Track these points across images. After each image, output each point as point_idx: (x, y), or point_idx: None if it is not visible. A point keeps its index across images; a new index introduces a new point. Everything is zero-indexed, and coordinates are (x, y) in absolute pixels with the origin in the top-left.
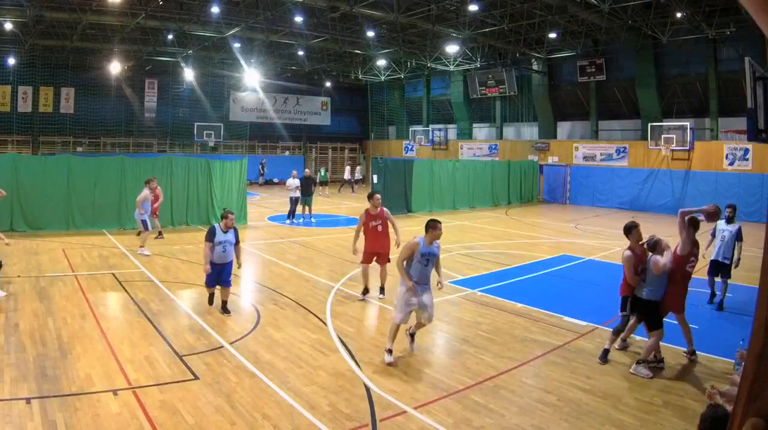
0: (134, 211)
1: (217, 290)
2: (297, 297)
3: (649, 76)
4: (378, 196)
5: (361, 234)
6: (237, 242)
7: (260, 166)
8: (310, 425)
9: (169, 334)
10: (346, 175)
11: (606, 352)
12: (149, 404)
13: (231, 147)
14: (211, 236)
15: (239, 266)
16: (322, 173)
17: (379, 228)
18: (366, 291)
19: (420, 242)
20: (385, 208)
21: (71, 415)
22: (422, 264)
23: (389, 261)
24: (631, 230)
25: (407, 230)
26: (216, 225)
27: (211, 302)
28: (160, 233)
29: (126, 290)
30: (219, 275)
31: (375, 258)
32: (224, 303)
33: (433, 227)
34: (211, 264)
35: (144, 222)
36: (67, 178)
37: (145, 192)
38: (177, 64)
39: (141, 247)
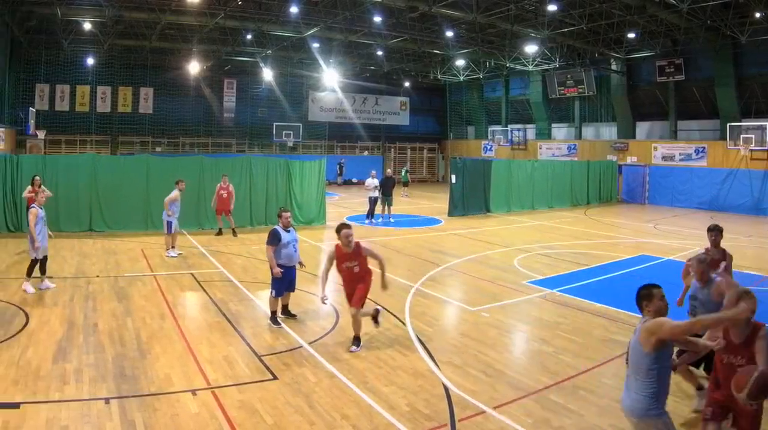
0: (162, 212)
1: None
2: (375, 297)
3: (727, 75)
4: (347, 231)
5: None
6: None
7: (338, 166)
8: (389, 425)
9: (248, 334)
10: None
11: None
12: (228, 404)
13: (310, 147)
14: (276, 238)
15: (302, 266)
16: (403, 173)
17: (356, 269)
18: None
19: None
20: (362, 243)
21: (150, 415)
22: None
23: (361, 306)
24: (707, 230)
25: (486, 230)
26: (277, 227)
27: (276, 321)
28: (234, 232)
29: (205, 290)
30: (290, 278)
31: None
32: (287, 307)
33: (652, 296)
34: (282, 267)
35: (169, 224)
36: (145, 178)
37: (175, 193)
38: (256, 64)
39: (171, 248)
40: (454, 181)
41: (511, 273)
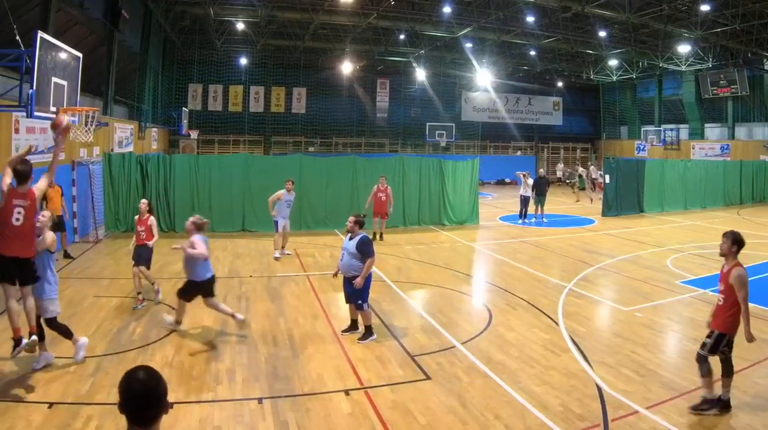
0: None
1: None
2: (529, 297)
3: None
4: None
5: None
6: (366, 255)
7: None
8: (542, 425)
9: (401, 334)
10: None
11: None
12: (381, 404)
13: (462, 147)
14: None
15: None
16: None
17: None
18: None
19: None
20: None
21: (303, 415)
22: None
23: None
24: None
25: (639, 230)
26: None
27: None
28: (380, 236)
29: None
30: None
31: None
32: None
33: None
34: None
35: (275, 223)
36: (299, 178)
37: (278, 192)
38: (408, 64)
39: (279, 248)
40: (607, 181)
41: (664, 273)
